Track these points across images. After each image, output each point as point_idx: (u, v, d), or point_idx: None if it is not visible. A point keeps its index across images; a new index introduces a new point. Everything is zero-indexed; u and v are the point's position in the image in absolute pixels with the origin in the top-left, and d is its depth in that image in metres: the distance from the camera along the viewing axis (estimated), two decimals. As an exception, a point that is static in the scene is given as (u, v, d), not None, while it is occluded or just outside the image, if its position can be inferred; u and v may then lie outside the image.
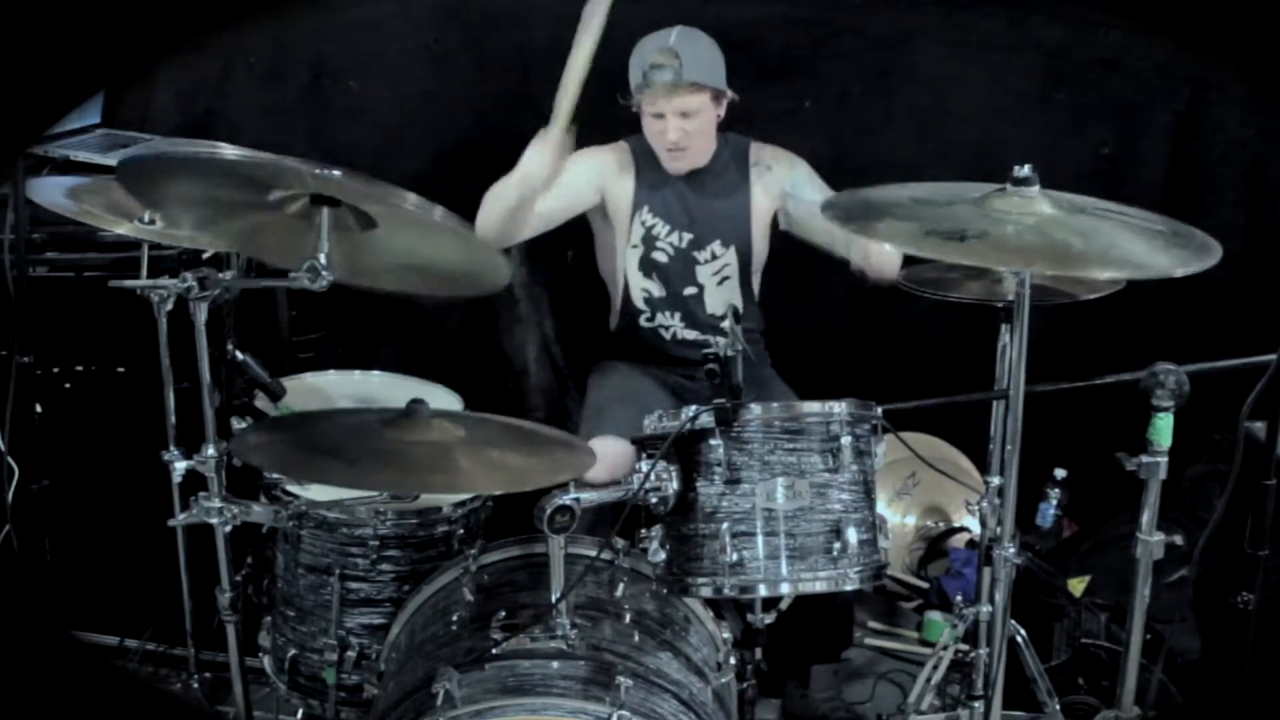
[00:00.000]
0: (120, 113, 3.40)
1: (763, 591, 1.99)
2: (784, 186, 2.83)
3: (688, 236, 2.82)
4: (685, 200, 2.82)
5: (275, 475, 2.43)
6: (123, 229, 2.44)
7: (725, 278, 2.86)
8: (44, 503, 2.76)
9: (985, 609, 2.30)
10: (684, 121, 2.69)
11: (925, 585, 3.35)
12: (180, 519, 2.24)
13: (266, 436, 2.19)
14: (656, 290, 2.85)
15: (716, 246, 2.84)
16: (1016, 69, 3.47)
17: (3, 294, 2.72)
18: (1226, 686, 2.41)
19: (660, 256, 2.83)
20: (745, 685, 2.21)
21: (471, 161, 3.61)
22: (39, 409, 2.81)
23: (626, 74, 2.73)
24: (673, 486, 1.97)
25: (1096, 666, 2.83)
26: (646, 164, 2.83)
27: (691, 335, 2.87)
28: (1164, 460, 2.18)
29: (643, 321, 2.89)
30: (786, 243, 2.89)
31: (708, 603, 2.23)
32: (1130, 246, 1.90)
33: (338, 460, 2.01)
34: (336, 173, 1.86)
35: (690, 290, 2.85)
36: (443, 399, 2.78)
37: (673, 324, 2.88)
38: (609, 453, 2.55)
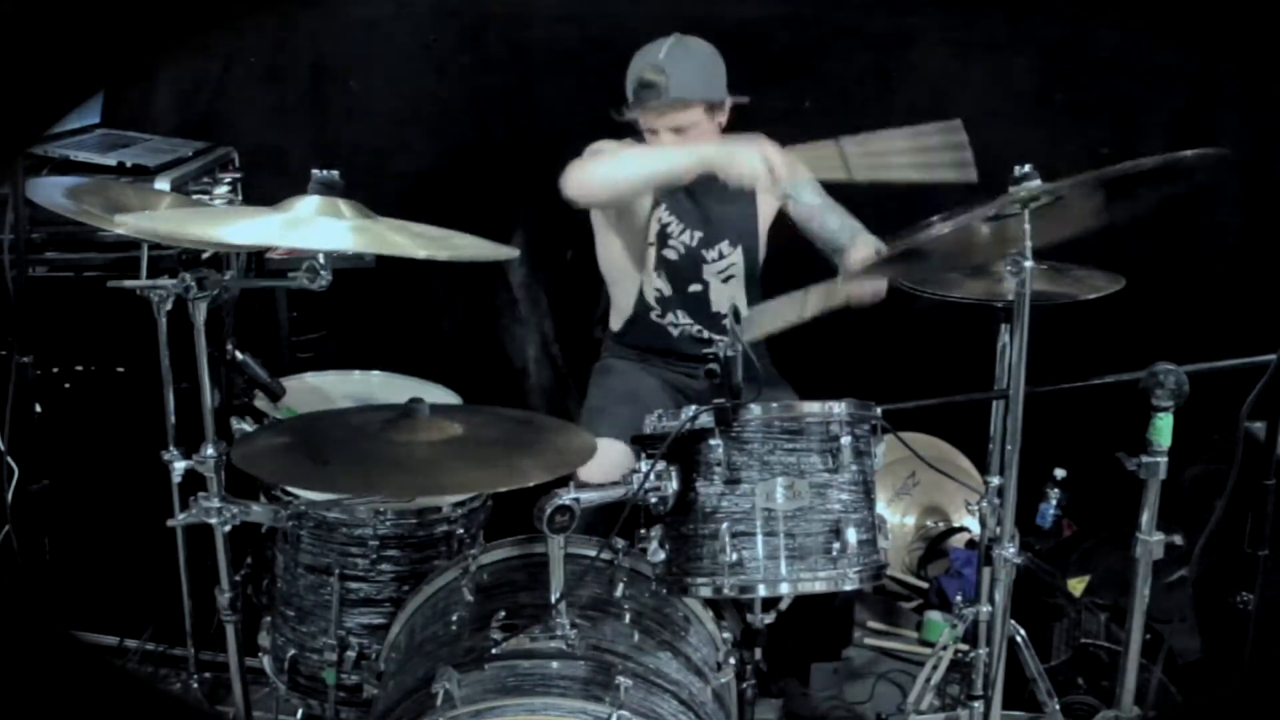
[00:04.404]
0: (120, 113, 3.40)
1: (762, 592, 1.99)
2: (785, 188, 2.84)
3: (698, 235, 2.83)
4: (696, 199, 2.82)
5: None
6: (122, 229, 2.44)
7: (730, 276, 2.86)
8: (44, 503, 2.76)
9: (985, 609, 2.30)
10: (677, 137, 2.67)
11: (925, 585, 3.35)
12: (180, 519, 2.25)
13: (268, 443, 2.19)
14: (665, 288, 2.86)
15: (724, 246, 2.84)
16: (1016, 69, 3.47)
17: (3, 294, 2.72)
18: (1226, 686, 2.41)
19: (670, 254, 2.83)
20: (745, 685, 2.21)
21: (471, 161, 3.62)
22: (39, 409, 2.81)
23: (626, 73, 2.73)
24: (672, 486, 1.97)
25: (1096, 666, 2.83)
26: None
27: (696, 331, 2.88)
28: (1164, 460, 2.18)
29: (653, 317, 2.89)
30: (786, 242, 2.90)
31: (708, 603, 2.23)
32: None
33: (336, 466, 2.02)
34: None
35: (695, 288, 2.86)
36: (442, 399, 2.77)
37: (680, 322, 2.88)
38: (606, 454, 2.55)
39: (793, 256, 2.93)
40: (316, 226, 1.96)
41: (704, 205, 2.83)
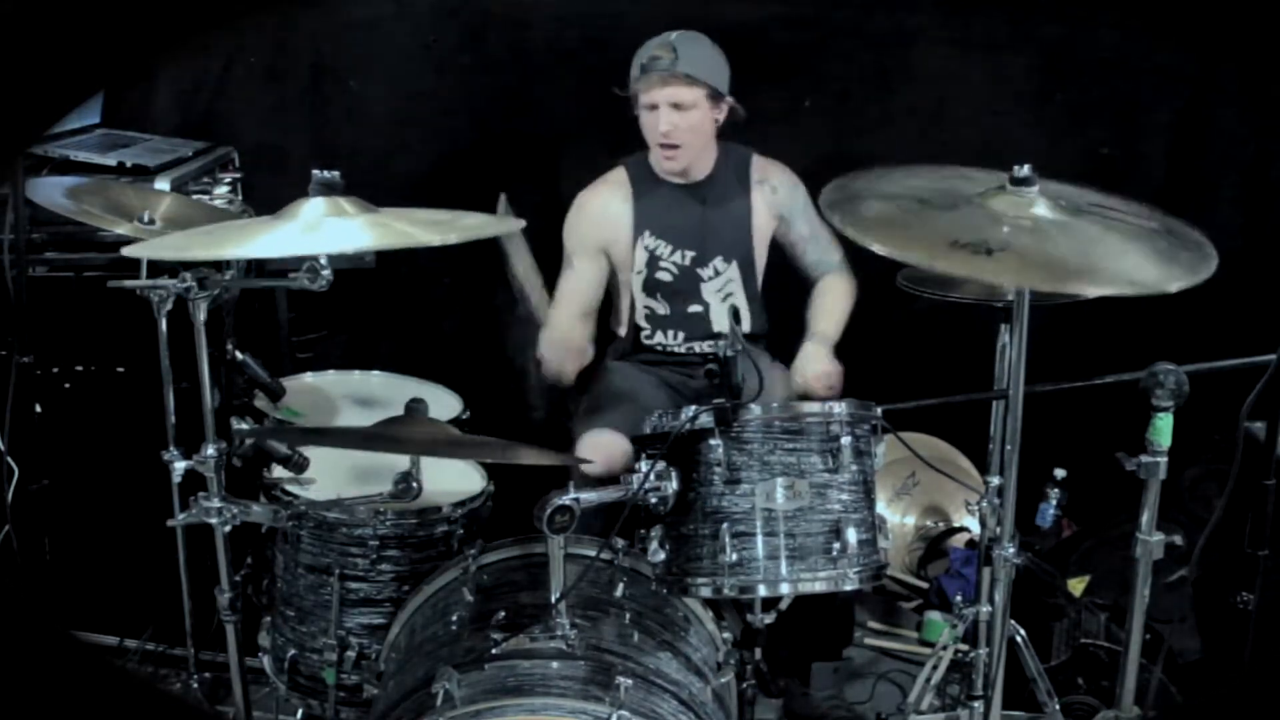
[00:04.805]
0: (120, 113, 3.40)
1: (762, 592, 1.99)
2: (783, 210, 2.87)
3: (690, 254, 2.82)
4: (687, 214, 2.82)
5: (275, 475, 2.43)
6: (122, 229, 2.44)
7: (729, 294, 2.86)
8: (44, 503, 2.76)
9: (985, 609, 2.30)
10: (676, 114, 2.68)
11: (925, 585, 3.35)
12: (180, 519, 2.25)
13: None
14: (660, 309, 2.85)
15: (719, 262, 2.84)
16: (1016, 69, 3.47)
17: (3, 294, 2.71)
18: (1226, 686, 2.41)
19: (664, 276, 2.83)
20: (745, 685, 2.21)
21: (471, 161, 3.62)
22: (39, 409, 2.81)
23: (626, 73, 2.73)
24: (672, 486, 1.97)
25: (1096, 666, 2.83)
26: (645, 184, 2.82)
27: (691, 350, 2.88)
28: (1164, 460, 2.18)
29: (643, 338, 2.90)
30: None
31: (707, 603, 2.23)
32: (1125, 260, 1.92)
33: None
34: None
35: (695, 309, 2.86)
36: (443, 399, 2.78)
37: (671, 344, 2.89)
38: (603, 446, 2.55)
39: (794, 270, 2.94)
40: (331, 229, 1.96)
41: (693, 219, 2.82)
